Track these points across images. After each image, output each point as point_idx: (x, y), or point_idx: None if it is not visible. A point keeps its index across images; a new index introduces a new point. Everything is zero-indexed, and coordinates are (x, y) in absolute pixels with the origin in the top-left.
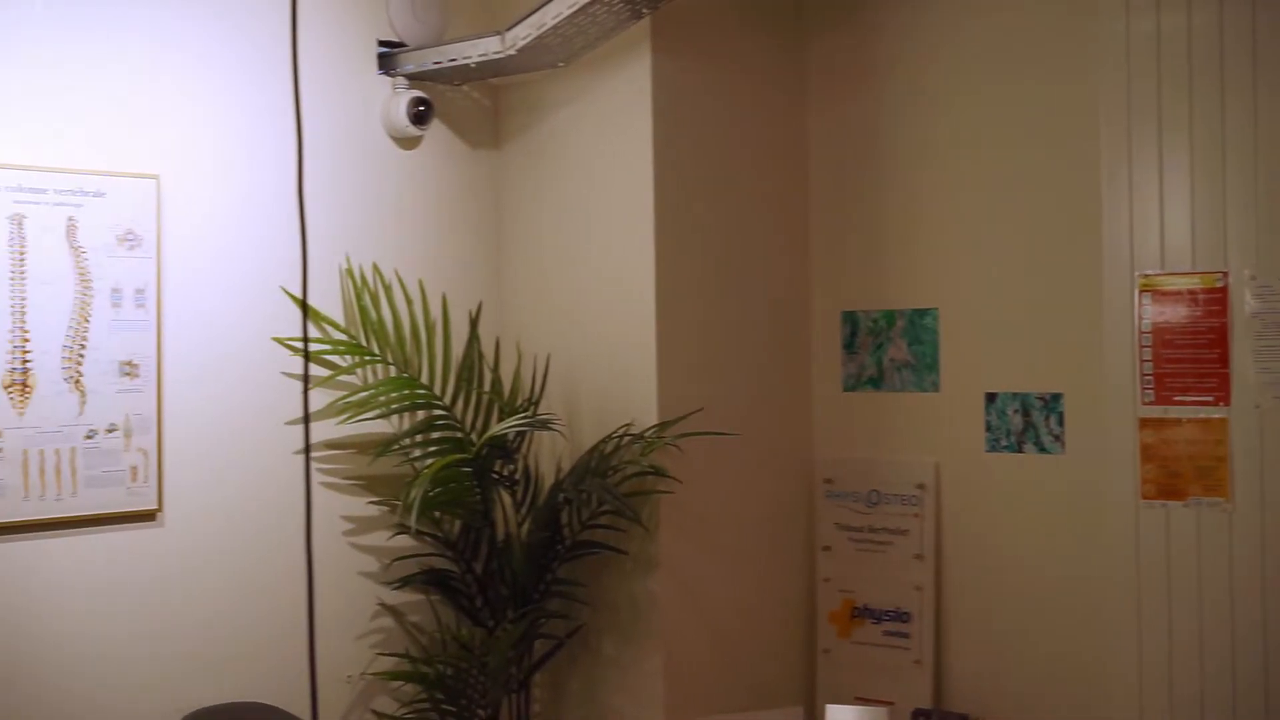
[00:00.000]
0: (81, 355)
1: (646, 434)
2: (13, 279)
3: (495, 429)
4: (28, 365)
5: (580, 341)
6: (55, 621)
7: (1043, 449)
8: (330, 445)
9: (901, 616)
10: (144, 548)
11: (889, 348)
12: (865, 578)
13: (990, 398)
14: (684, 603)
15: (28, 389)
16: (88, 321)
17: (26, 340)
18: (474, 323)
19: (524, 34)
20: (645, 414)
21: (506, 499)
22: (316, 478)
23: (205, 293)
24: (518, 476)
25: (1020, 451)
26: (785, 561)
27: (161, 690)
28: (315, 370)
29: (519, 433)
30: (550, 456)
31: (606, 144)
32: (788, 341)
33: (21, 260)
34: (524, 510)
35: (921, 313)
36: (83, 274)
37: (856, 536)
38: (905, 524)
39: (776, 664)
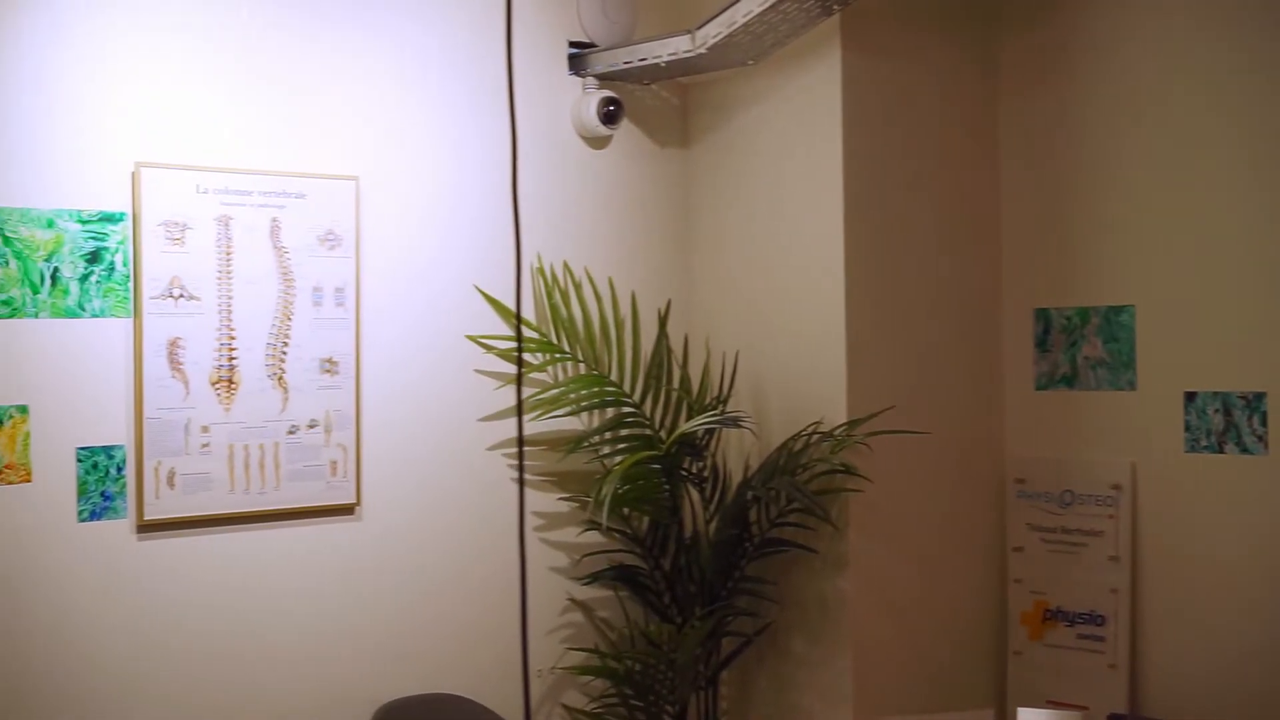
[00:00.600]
0: (284, 352)
1: (836, 432)
2: (219, 278)
3: (686, 426)
4: (234, 362)
5: (769, 338)
6: (256, 611)
7: (1245, 450)
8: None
9: (1096, 619)
10: (342, 540)
11: (1083, 345)
12: (1058, 579)
13: (1190, 396)
14: (873, 602)
15: (234, 385)
16: (290, 320)
17: (233, 338)
18: (663, 320)
19: (714, 32)
20: (834, 411)
21: (695, 496)
22: (509, 474)
23: (401, 291)
24: (706, 474)
25: (1221, 452)
26: (975, 562)
27: (357, 681)
28: (506, 368)
29: (708, 430)
30: (738, 454)
31: (796, 141)
32: (978, 339)
33: (228, 260)
34: (712, 507)
35: (1117, 309)
36: (285, 273)
37: (1049, 537)
38: (1100, 525)
39: (966, 665)
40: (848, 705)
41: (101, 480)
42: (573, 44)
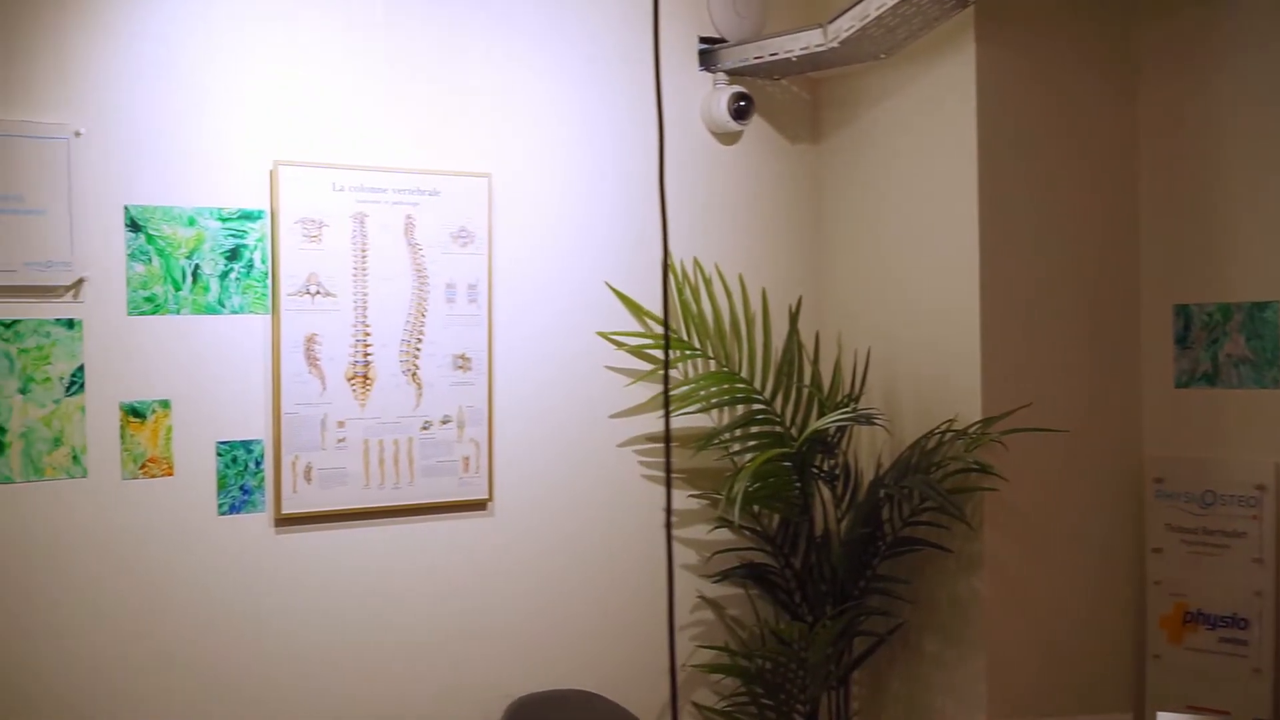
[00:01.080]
0: (418, 349)
1: (971, 430)
2: (355, 275)
3: (818, 423)
4: (370, 358)
5: (901, 335)
6: (390, 605)
7: None
8: (651, 439)
9: (1239, 623)
10: (475, 536)
11: (1225, 342)
12: (1199, 581)
13: None
14: (1008, 602)
15: (369, 381)
16: (424, 316)
17: (368, 335)
18: (794, 317)
19: (847, 26)
20: (968, 409)
21: (826, 494)
22: (639, 470)
23: (532, 287)
24: (837, 472)
25: None
26: (1113, 563)
27: (489, 676)
28: (636, 364)
29: (839, 428)
30: (869, 452)
31: (929, 136)
32: (1116, 336)
33: (364, 257)
34: (844, 506)
35: (1261, 305)
36: (419, 270)
37: (1189, 539)
38: (1243, 526)
39: (1103, 668)
40: (981, 707)
41: (240, 474)
42: (703, 39)
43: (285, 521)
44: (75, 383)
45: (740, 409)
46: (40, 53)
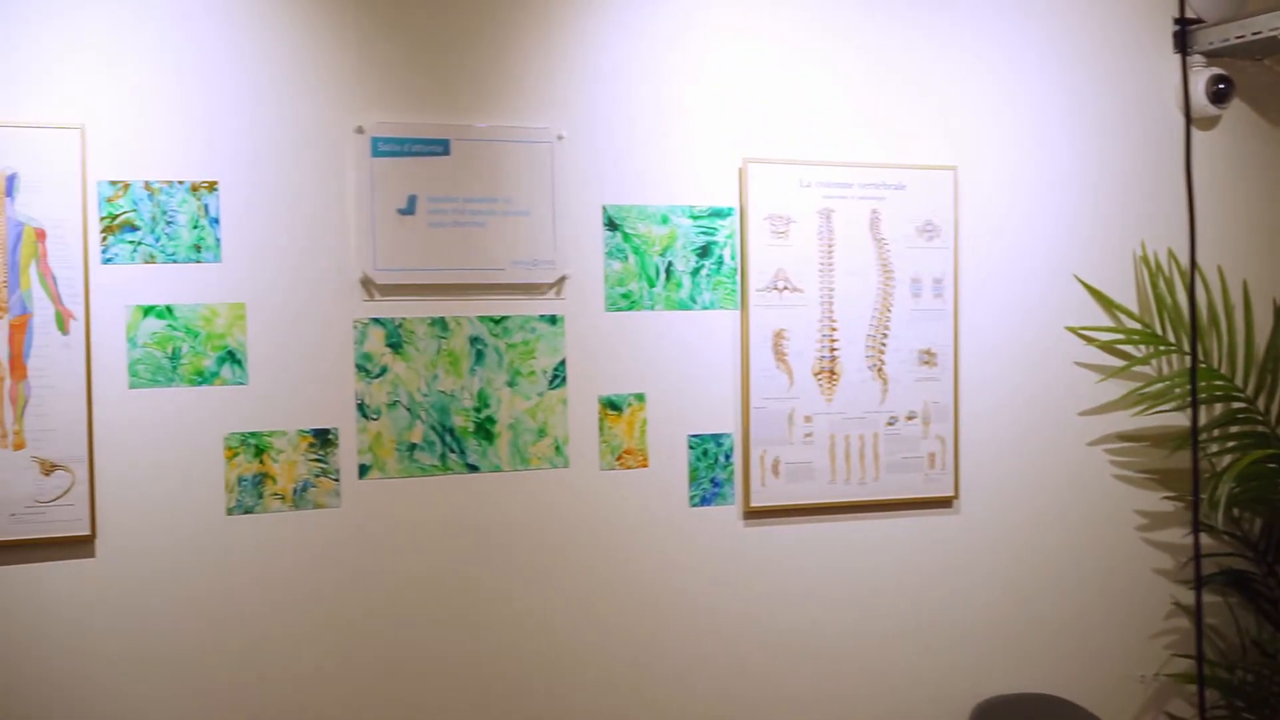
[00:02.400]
0: (883, 344)
1: None
2: (822, 270)
3: None
4: (836, 353)
5: None
6: (854, 601)
7: None
8: (1123, 438)
9: None
10: (940, 533)
11: None
12: None
13: None
14: None
15: (835, 376)
16: (889, 311)
17: (834, 329)
18: (1279, 311)
19: None
20: None
21: None
22: (1110, 470)
23: (997, 281)
24: None
25: None
26: None
27: (955, 675)
28: (1107, 360)
29: None
30: None
31: None
32: None
33: (829, 252)
34: None
35: None
36: (884, 265)
37: None
38: None
39: None
40: None
41: (711, 467)
42: (1177, 20)
43: (753, 515)
44: (557, 376)
45: (1219, 407)
46: (529, 59)
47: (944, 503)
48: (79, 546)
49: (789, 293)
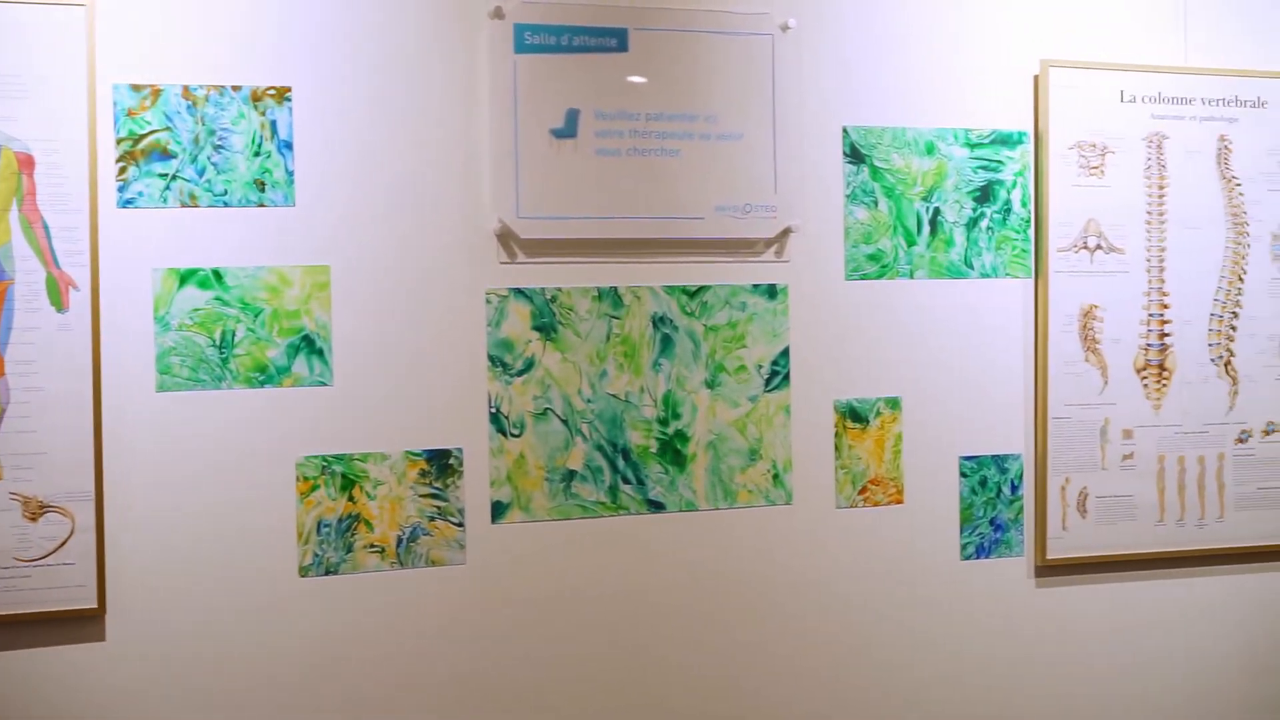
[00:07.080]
0: (1233, 327)
1: None
2: (1150, 222)
3: None
4: (1166, 340)
5: None
6: (1180, 688)
7: None
8: None
9: None
10: None
11: None
12: None
13: None
14: None
15: (1166, 373)
16: (1241, 280)
17: (1166, 307)
18: None
19: None
20: None
21: None
22: None
23: None
24: None
25: None
26: None
27: None
28: None
29: None
30: None
31: None
32: None
33: (1161, 197)
34: None
35: None
36: (1235, 214)
37: None
38: None
39: None
40: None
41: (991, 503)
42: None
43: (1050, 569)
44: (777, 373)
45: None
46: None
47: None
48: (81, 625)
49: (1104, 253)
